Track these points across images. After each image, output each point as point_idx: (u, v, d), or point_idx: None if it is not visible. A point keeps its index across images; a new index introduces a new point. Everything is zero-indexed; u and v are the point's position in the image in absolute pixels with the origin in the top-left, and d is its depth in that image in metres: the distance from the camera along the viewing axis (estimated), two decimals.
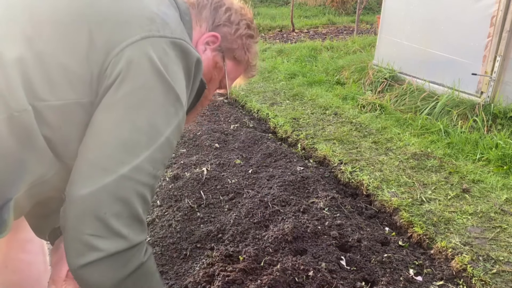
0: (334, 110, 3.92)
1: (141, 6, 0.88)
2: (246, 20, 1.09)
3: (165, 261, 1.95)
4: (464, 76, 3.65)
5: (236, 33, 1.07)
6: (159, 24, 0.86)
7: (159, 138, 0.84)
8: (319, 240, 2.00)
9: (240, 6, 1.11)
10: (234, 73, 1.13)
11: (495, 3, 3.39)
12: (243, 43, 1.09)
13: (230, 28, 1.06)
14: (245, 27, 1.09)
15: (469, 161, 2.89)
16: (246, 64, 1.13)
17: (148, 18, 0.85)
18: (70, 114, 0.81)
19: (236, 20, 1.07)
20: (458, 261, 1.90)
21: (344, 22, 9.08)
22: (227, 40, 1.06)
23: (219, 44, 1.05)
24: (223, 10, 1.06)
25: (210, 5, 1.06)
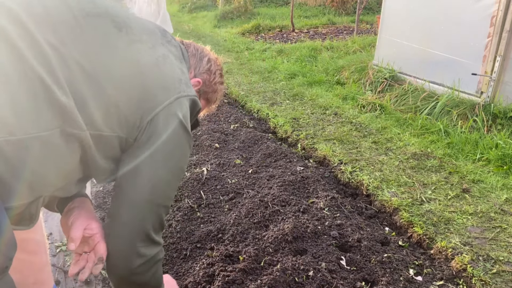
0: (334, 110, 3.92)
1: (173, 68, 1.14)
2: (219, 70, 1.40)
3: (165, 261, 1.95)
4: (464, 76, 3.65)
5: (213, 80, 1.37)
6: (183, 84, 1.13)
7: (182, 174, 1.20)
8: (319, 240, 2.00)
9: (215, 56, 1.40)
10: (204, 109, 1.45)
11: (495, 3, 3.39)
12: (216, 88, 1.39)
13: (209, 76, 1.36)
14: (219, 76, 1.39)
15: (469, 161, 2.89)
16: (213, 102, 1.45)
17: (178, 80, 1.13)
18: (110, 143, 1.03)
19: (214, 69, 1.37)
20: (458, 261, 1.90)
21: (344, 22, 9.07)
22: (206, 85, 1.36)
23: (199, 88, 1.34)
24: (206, 60, 1.35)
25: (197, 55, 1.34)
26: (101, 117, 0.98)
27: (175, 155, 1.11)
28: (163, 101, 1.06)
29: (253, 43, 7.25)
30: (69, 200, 1.18)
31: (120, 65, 1.03)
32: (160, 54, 1.12)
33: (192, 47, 1.35)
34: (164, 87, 1.08)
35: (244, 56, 6.38)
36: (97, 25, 1.03)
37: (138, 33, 1.10)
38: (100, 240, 1.11)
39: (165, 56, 1.13)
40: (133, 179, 1.07)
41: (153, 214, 1.10)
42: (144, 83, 1.05)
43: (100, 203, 2.49)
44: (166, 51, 1.14)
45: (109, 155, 1.05)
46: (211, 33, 8.45)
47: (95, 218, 1.15)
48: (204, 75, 1.34)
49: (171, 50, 1.18)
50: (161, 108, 1.06)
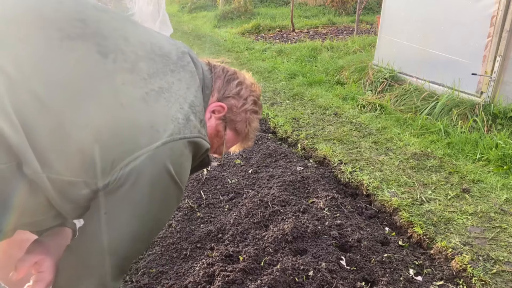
0: (334, 110, 3.92)
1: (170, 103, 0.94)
2: (254, 97, 1.17)
3: (165, 261, 1.95)
4: (464, 76, 3.65)
5: (243, 107, 1.15)
6: (181, 123, 0.94)
7: (161, 227, 1.04)
8: (319, 240, 2.00)
9: (251, 82, 1.19)
10: (231, 142, 1.20)
11: (495, 3, 3.39)
12: (247, 117, 1.16)
13: (238, 101, 1.14)
14: (251, 103, 1.16)
15: (469, 161, 2.89)
16: (245, 136, 1.20)
17: (172, 120, 0.93)
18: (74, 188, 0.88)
19: (245, 95, 1.15)
20: (458, 261, 1.90)
21: (344, 22, 9.07)
22: (232, 112, 1.14)
23: (224, 114, 1.13)
24: (235, 83, 1.14)
25: (224, 77, 1.14)
26: (59, 161, 0.83)
27: (152, 209, 0.94)
28: (146, 145, 0.88)
29: (253, 43, 7.25)
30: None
31: (92, 99, 0.86)
32: (156, 87, 0.94)
33: (219, 69, 1.15)
34: (150, 128, 0.89)
35: (244, 56, 6.38)
36: (75, 50, 0.88)
37: (132, 59, 0.94)
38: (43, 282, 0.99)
39: (162, 89, 0.94)
40: (99, 230, 0.91)
41: (115, 267, 0.95)
42: (121, 122, 0.88)
43: None
44: (167, 82, 0.96)
45: (75, 199, 0.90)
46: (211, 33, 8.45)
47: (54, 255, 1.02)
48: (230, 100, 1.13)
49: (181, 77, 1.00)
50: (142, 153, 0.88)
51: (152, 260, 1.96)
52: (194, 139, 0.95)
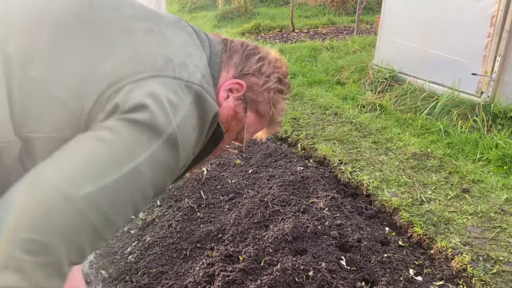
0: (334, 110, 3.92)
1: (162, 44, 0.82)
2: (279, 74, 1.01)
3: (165, 261, 1.95)
4: (464, 76, 3.65)
5: (265, 85, 0.98)
6: (177, 65, 0.79)
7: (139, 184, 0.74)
8: (319, 240, 2.00)
9: (276, 58, 1.03)
10: (254, 126, 1.03)
11: (495, 3, 3.39)
12: (270, 97, 1.00)
13: (259, 79, 0.98)
14: (275, 81, 1.00)
15: (469, 161, 2.89)
16: (269, 119, 1.03)
17: (164, 57, 0.79)
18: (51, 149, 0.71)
19: (267, 71, 0.99)
20: (458, 261, 1.90)
21: (344, 22, 9.07)
22: (253, 91, 0.98)
23: (243, 93, 0.96)
24: (256, 59, 0.99)
25: (242, 52, 0.99)
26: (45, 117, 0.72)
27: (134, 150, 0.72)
28: (130, 75, 0.74)
29: None
30: None
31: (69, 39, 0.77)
32: (145, 27, 0.83)
33: (237, 43, 1.00)
34: (135, 59, 0.77)
35: None
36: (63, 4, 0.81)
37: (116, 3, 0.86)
38: None
39: (151, 30, 0.83)
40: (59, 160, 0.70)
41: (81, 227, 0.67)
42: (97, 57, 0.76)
43: None
44: (159, 29, 0.85)
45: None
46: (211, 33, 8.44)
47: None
48: (250, 77, 0.97)
49: (178, 34, 0.88)
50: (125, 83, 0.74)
51: (152, 260, 1.96)
52: (192, 84, 0.79)
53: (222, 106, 0.93)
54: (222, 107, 0.93)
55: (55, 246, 0.64)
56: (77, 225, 0.67)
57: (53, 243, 0.64)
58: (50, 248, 0.63)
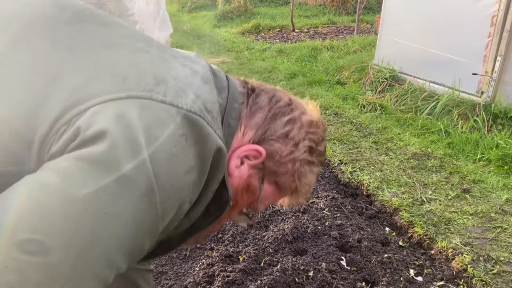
0: (334, 110, 3.92)
1: (156, 64, 0.65)
2: (311, 141, 0.81)
3: (165, 261, 1.94)
4: (464, 76, 3.64)
5: (290, 155, 0.79)
6: (170, 88, 0.62)
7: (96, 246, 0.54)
8: (319, 240, 2.00)
9: (311, 119, 0.82)
10: (270, 199, 0.86)
11: (495, 3, 3.39)
12: (295, 169, 0.80)
13: (284, 146, 0.78)
14: (304, 150, 0.80)
15: (469, 161, 2.89)
16: (290, 191, 0.85)
17: (155, 77, 0.62)
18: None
19: (296, 138, 0.79)
20: (458, 262, 1.90)
21: (344, 22, 9.07)
22: (274, 161, 0.78)
23: (261, 161, 0.77)
24: (284, 121, 0.78)
25: (269, 110, 0.78)
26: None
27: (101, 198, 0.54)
28: (101, 94, 0.57)
29: (253, 42, 7.25)
30: None
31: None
32: (138, 45, 0.68)
33: (264, 97, 0.80)
34: (113, 74, 0.60)
35: (244, 56, 6.37)
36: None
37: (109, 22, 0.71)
38: None
39: (146, 50, 0.68)
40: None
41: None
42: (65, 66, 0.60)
43: None
44: (160, 53, 0.70)
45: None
46: (211, 33, 8.44)
47: None
48: (273, 143, 0.77)
49: (185, 63, 0.72)
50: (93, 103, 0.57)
51: (152, 261, 1.95)
52: (191, 114, 0.61)
53: (233, 175, 0.76)
54: (233, 176, 0.75)
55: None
56: None
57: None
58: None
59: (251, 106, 0.78)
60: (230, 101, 0.74)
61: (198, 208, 0.71)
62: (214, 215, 0.76)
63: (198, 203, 0.70)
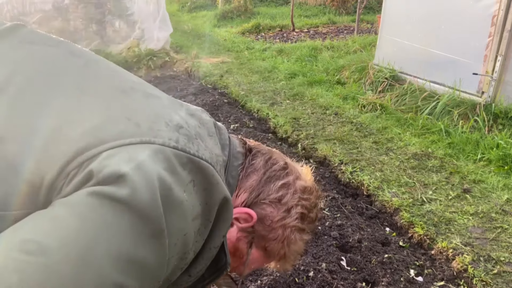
0: (334, 110, 3.92)
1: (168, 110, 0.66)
2: (303, 208, 0.81)
3: None
4: (465, 76, 3.64)
5: (281, 221, 0.79)
6: (182, 135, 0.63)
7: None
8: (320, 240, 2.00)
9: (305, 185, 0.82)
10: (256, 263, 0.85)
11: (496, 2, 3.38)
12: (286, 235, 0.80)
13: (276, 211, 0.78)
14: (296, 217, 0.80)
15: (470, 161, 2.88)
16: (278, 258, 0.84)
17: (167, 122, 0.63)
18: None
19: (289, 203, 0.79)
20: (459, 262, 1.90)
21: (344, 22, 9.07)
22: (264, 225, 0.78)
23: (251, 225, 0.77)
24: (278, 185, 0.78)
25: (263, 173, 0.78)
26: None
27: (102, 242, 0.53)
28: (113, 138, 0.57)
29: (253, 42, 7.24)
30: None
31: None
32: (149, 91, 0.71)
33: (260, 159, 0.79)
34: (125, 119, 0.61)
35: (244, 55, 6.37)
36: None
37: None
38: None
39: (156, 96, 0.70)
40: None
41: None
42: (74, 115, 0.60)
43: None
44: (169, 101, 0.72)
45: None
46: (210, 33, 8.44)
47: None
48: (265, 207, 0.77)
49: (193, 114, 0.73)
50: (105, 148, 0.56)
51: None
52: (201, 161, 0.62)
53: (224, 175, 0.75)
54: None
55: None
56: None
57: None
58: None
59: (247, 167, 0.78)
60: (231, 159, 0.75)
61: (201, 263, 0.70)
62: (208, 279, 0.76)
63: (201, 258, 0.69)
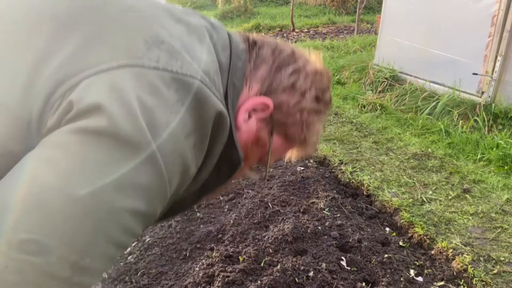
0: (334, 110, 3.92)
1: (147, 25, 0.63)
2: (317, 90, 0.80)
3: (164, 262, 1.94)
4: (465, 76, 3.64)
5: (297, 105, 0.78)
6: (164, 51, 0.60)
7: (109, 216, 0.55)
8: (319, 240, 2.00)
9: (316, 69, 0.81)
10: (279, 151, 0.86)
11: (496, 2, 3.38)
12: (304, 119, 0.80)
13: (291, 97, 0.78)
14: (312, 99, 0.80)
15: (470, 161, 2.89)
16: (300, 142, 0.85)
17: (146, 41, 0.60)
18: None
19: (302, 87, 0.78)
20: (459, 262, 1.90)
21: (344, 22, 9.07)
22: (282, 112, 0.78)
23: (269, 113, 0.77)
24: (289, 71, 0.77)
25: (273, 62, 0.77)
26: None
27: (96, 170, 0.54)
28: (92, 66, 0.56)
29: None
30: None
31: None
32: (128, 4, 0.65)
33: (266, 49, 0.79)
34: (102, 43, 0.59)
35: None
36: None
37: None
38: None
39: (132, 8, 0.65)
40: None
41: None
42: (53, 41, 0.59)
43: None
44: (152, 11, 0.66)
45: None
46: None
47: None
48: (280, 94, 0.77)
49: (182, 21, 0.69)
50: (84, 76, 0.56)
51: (152, 261, 1.95)
52: (187, 78, 0.60)
53: (242, 129, 0.75)
54: (241, 130, 0.75)
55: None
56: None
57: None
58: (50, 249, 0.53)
59: (254, 60, 0.77)
60: (234, 60, 0.72)
61: (205, 171, 0.71)
62: (225, 175, 0.77)
63: (204, 166, 0.70)
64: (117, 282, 1.88)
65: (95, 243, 0.54)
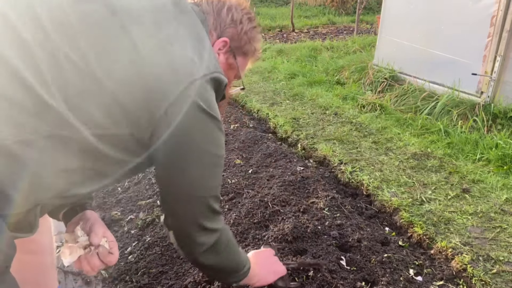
0: (334, 110, 3.92)
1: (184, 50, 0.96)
2: (246, 14, 1.14)
3: (165, 261, 1.95)
4: (464, 76, 3.65)
5: (242, 31, 1.13)
6: (198, 64, 0.96)
7: (221, 160, 1.06)
8: (319, 240, 2.00)
9: (237, 2, 1.14)
10: (244, 65, 1.21)
11: (495, 3, 3.39)
12: (249, 37, 1.15)
13: (235, 28, 1.12)
14: (247, 22, 1.14)
15: (469, 161, 2.89)
16: (253, 52, 1.20)
17: (190, 62, 0.95)
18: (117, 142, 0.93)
19: (238, 17, 1.12)
20: (458, 261, 1.90)
21: (344, 22, 9.08)
22: (235, 40, 1.13)
23: (228, 46, 1.12)
24: (225, 11, 1.11)
25: (213, 11, 1.11)
26: (102, 116, 0.87)
27: (203, 145, 0.99)
28: (174, 90, 0.91)
29: None
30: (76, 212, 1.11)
31: (116, 56, 0.89)
32: (164, 35, 0.95)
33: (204, 4, 1.12)
34: (173, 73, 0.92)
35: None
36: (87, 12, 0.90)
37: (137, 14, 0.96)
38: (116, 250, 1.06)
39: (170, 36, 0.96)
40: (167, 179, 1.03)
41: (200, 206, 1.07)
42: (147, 73, 0.90)
43: (100, 203, 2.49)
44: (173, 29, 0.98)
45: (117, 156, 0.94)
46: None
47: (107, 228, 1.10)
48: (229, 30, 1.12)
49: (183, 21, 1.01)
50: (173, 98, 0.91)
51: (152, 260, 1.96)
52: (213, 75, 0.98)
53: (221, 63, 1.09)
54: (220, 63, 1.08)
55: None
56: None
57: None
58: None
59: (206, 16, 1.10)
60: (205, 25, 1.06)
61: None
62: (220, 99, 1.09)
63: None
64: (117, 282, 1.89)
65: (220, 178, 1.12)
